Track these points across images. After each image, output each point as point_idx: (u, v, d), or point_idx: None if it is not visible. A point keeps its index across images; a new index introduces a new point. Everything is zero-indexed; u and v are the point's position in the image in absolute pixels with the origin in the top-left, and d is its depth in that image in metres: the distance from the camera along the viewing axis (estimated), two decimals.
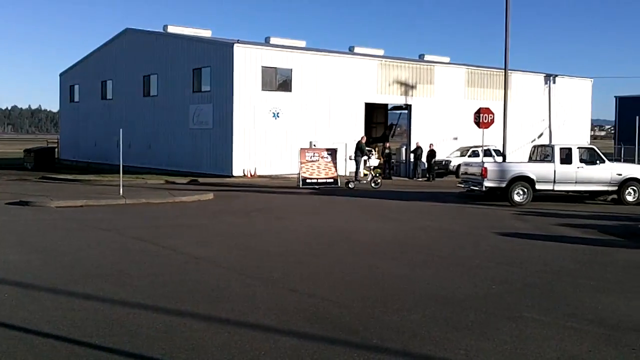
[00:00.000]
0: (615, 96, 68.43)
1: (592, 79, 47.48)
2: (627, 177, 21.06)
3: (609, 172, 21.02)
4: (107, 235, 12.82)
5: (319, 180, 27.33)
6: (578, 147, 21.52)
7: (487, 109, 26.93)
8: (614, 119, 70.71)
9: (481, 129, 26.57)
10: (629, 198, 20.90)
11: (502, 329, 6.77)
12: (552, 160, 20.88)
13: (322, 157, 27.70)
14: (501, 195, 20.55)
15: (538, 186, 20.55)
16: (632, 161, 40.00)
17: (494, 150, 34.11)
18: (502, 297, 8.23)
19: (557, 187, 20.94)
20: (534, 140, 39.75)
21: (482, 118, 26.33)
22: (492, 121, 26.60)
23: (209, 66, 33.78)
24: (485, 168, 20.61)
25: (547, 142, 38.67)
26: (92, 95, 44.56)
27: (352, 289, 8.49)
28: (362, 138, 29.57)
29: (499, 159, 31.58)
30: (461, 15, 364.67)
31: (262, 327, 6.73)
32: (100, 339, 6.22)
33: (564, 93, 44.82)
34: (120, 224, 14.66)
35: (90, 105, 44.62)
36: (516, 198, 20.23)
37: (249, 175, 31.49)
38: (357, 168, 27.68)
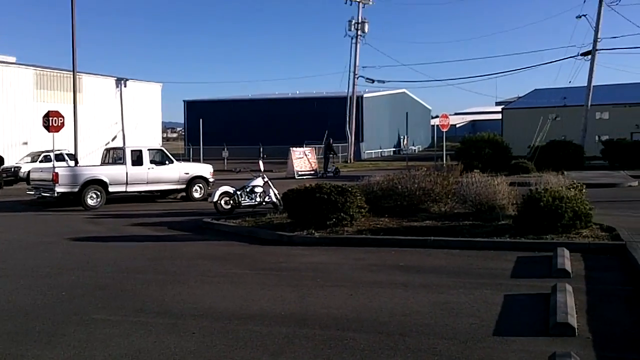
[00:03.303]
0: (183, 100, 73.23)
1: (162, 84, 50.05)
2: (194, 175, 22.73)
3: (177, 171, 22.40)
4: None
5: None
6: (148, 149, 22.43)
7: (57, 112, 26.01)
8: (183, 121, 75.54)
9: (51, 133, 25.63)
10: (196, 195, 22.58)
11: (71, 334, 6.75)
12: (124, 163, 21.35)
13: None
14: (75, 199, 20.24)
15: (111, 188, 20.80)
16: (199, 160, 43.51)
17: (67, 154, 33.23)
18: (72, 302, 8.17)
19: (130, 189, 21.52)
20: (108, 143, 40.04)
21: (51, 122, 25.31)
22: (63, 125, 25.81)
23: None
24: (57, 173, 20.06)
25: (120, 145, 39.33)
26: None
27: None
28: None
29: (72, 163, 31.00)
30: (26, 12, 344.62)
31: None
32: None
33: (136, 97, 46.17)
34: None
35: None
36: (90, 202, 20.14)
37: None
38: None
